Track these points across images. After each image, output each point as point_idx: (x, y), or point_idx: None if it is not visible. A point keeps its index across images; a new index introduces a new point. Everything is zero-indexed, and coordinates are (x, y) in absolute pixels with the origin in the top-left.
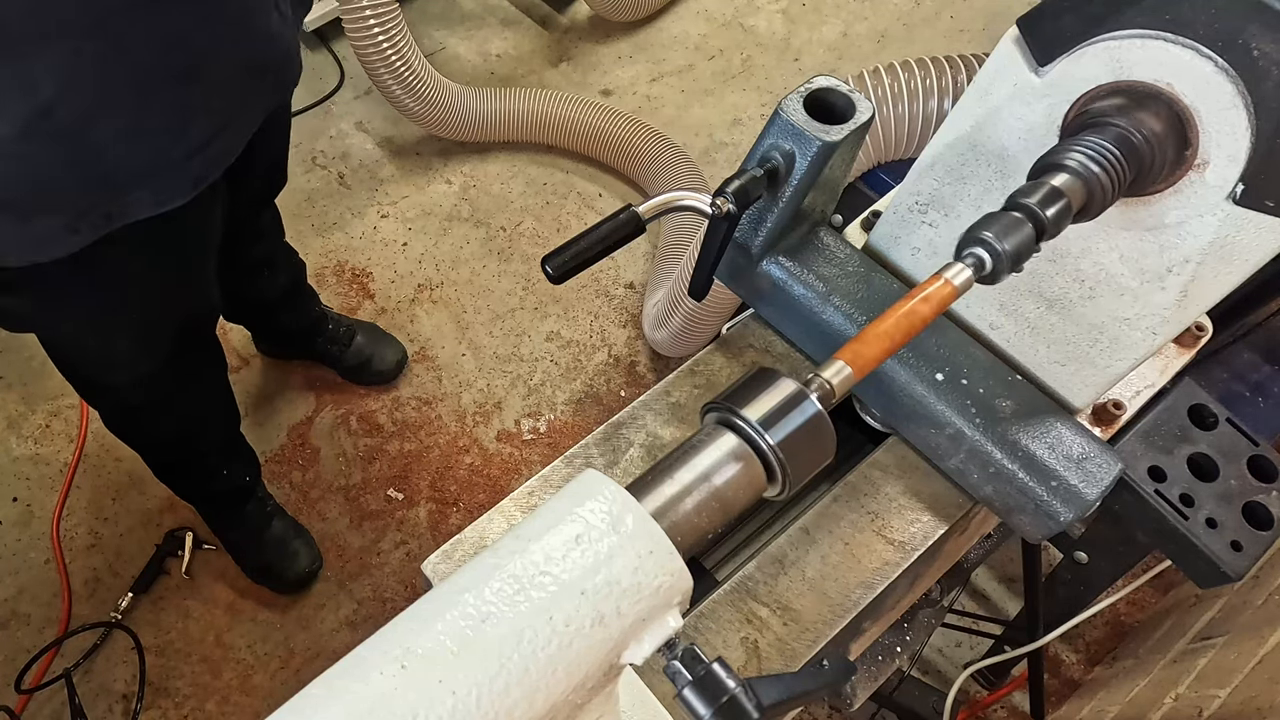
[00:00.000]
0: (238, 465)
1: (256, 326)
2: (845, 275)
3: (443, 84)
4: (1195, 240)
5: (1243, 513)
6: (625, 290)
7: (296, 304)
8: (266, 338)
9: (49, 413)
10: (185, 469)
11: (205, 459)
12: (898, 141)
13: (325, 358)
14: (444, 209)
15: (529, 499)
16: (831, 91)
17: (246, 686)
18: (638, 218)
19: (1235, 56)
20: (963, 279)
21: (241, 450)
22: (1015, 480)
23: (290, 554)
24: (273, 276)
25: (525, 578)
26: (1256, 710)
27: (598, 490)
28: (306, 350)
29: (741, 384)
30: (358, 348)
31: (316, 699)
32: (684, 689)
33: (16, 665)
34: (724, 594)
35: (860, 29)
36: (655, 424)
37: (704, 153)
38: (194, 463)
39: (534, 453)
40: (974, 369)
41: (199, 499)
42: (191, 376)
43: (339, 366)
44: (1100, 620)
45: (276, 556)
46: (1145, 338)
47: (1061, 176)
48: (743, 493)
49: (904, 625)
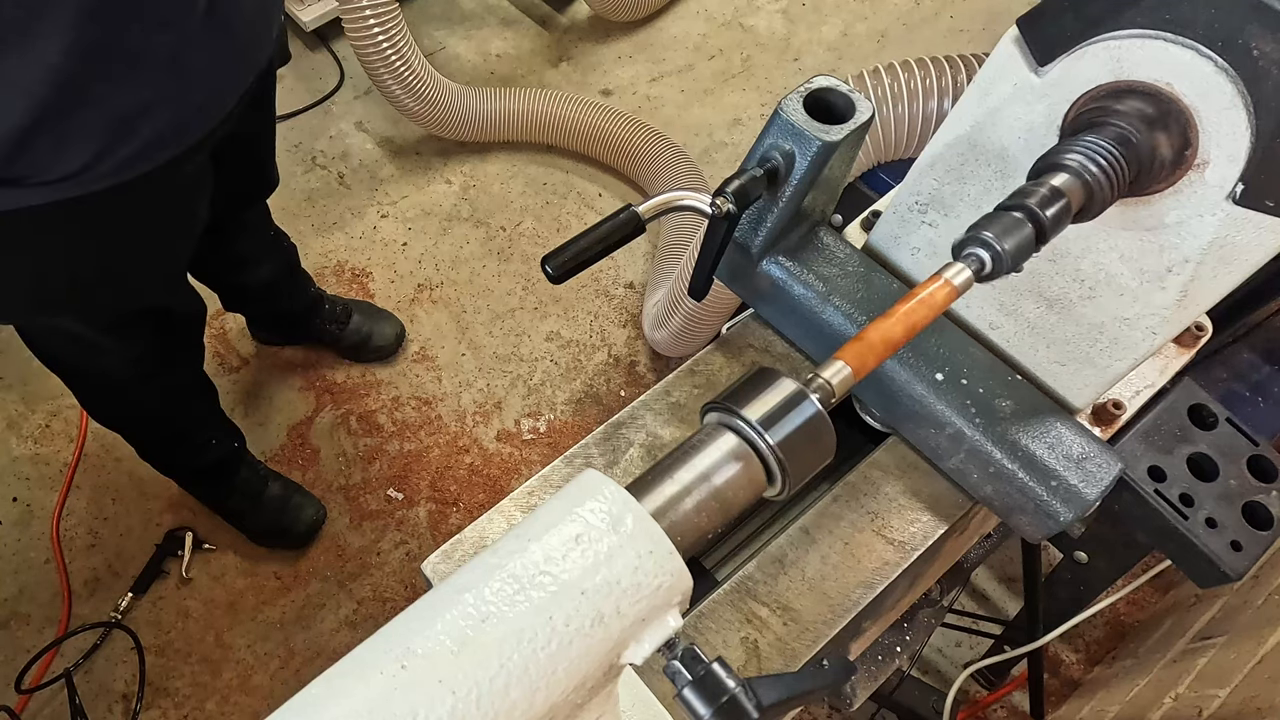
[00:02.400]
0: (223, 435)
1: (253, 312)
2: (845, 275)
3: (443, 84)
4: (1195, 240)
5: (1242, 513)
6: (625, 290)
7: (293, 287)
8: (264, 325)
9: (49, 413)
10: (173, 445)
11: (191, 435)
12: (898, 141)
13: (324, 338)
14: (444, 209)
15: (529, 499)
16: (831, 91)
17: (246, 686)
18: (638, 218)
19: (1235, 56)
20: (962, 279)
21: (224, 421)
22: (1015, 480)
23: (294, 508)
24: (263, 266)
25: (525, 578)
26: (1256, 710)
27: (598, 490)
28: (304, 333)
29: (741, 384)
30: (355, 325)
31: (316, 699)
32: (684, 689)
33: (16, 665)
34: (724, 594)
35: (860, 29)
36: (655, 424)
37: (704, 153)
38: (181, 439)
39: (534, 453)
40: (974, 369)
41: (192, 477)
42: (173, 354)
43: (338, 346)
44: (1100, 620)
45: (280, 514)
46: (1145, 338)
47: (1061, 176)
48: (743, 493)
49: (904, 625)
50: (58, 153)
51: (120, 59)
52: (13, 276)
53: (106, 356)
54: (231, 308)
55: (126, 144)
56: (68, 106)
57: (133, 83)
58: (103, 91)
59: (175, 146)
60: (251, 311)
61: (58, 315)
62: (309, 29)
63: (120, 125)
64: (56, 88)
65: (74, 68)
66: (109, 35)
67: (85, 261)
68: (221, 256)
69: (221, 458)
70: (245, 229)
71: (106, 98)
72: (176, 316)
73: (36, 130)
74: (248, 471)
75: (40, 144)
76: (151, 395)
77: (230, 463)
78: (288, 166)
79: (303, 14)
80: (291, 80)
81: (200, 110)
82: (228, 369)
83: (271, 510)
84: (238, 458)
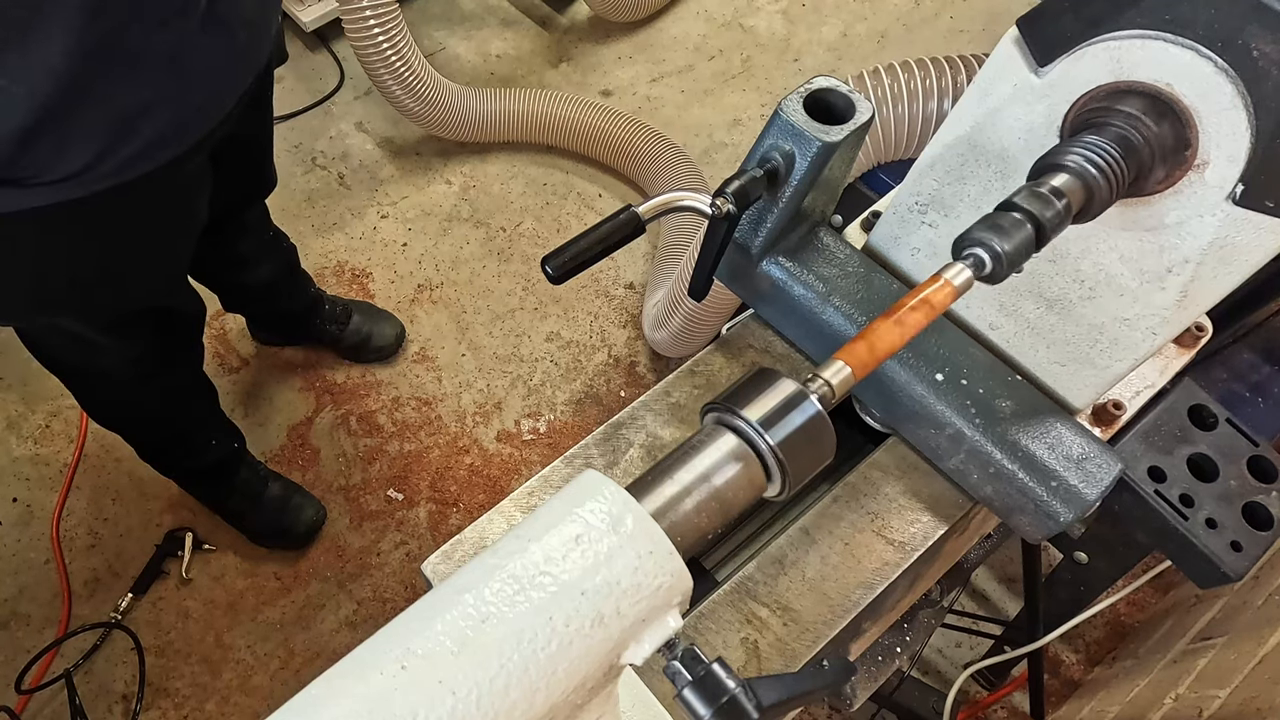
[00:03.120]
0: (223, 436)
1: (253, 312)
2: (845, 275)
3: (442, 84)
4: (1195, 241)
5: (1242, 513)
6: (625, 290)
7: (293, 287)
8: (264, 325)
9: (49, 413)
10: (174, 445)
11: (191, 435)
12: (898, 142)
13: (324, 338)
14: (444, 209)
15: (529, 499)
16: (831, 92)
17: (246, 687)
18: (638, 218)
19: (1235, 56)
20: (962, 279)
21: (224, 421)
22: (1015, 481)
23: (294, 508)
24: (262, 267)
25: (525, 578)
26: (1256, 710)
27: (597, 490)
28: (304, 334)
29: (741, 384)
30: (355, 326)
31: (316, 699)
32: (684, 689)
33: (16, 665)
34: (724, 594)
35: (860, 29)
36: (655, 424)
37: (704, 153)
38: (181, 439)
39: (534, 453)
40: (974, 369)
41: (192, 477)
42: (172, 355)
43: (338, 347)
44: (1100, 620)
45: (281, 514)
46: (1145, 338)
47: (1061, 177)
48: (742, 493)
49: (904, 626)
50: (60, 153)
51: (121, 59)
52: (14, 277)
53: (106, 357)
54: (231, 308)
55: (128, 144)
56: (70, 106)
57: (133, 82)
58: (104, 91)
59: (176, 146)
60: (251, 311)
61: (58, 315)
62: (309, 29)
63: (121, 125)
64: (59, 87)
65: (76, 67)
66: (110, 35)
67: (86, 262)
68: (221, 257)
69: (221, 458)
70: (244, 230)
71: (108, 97)
72: (176, 317)
73: (39, 130)
74: (247, 472)
75: (43, 144)
76: (151, 396)
77: (230, 463)
78: (288, 167)
79: (303, 14)
80: (291, 80)
81: (200, 110)
82: (228, 369)
83: (271, 511)
84: (238, 458)
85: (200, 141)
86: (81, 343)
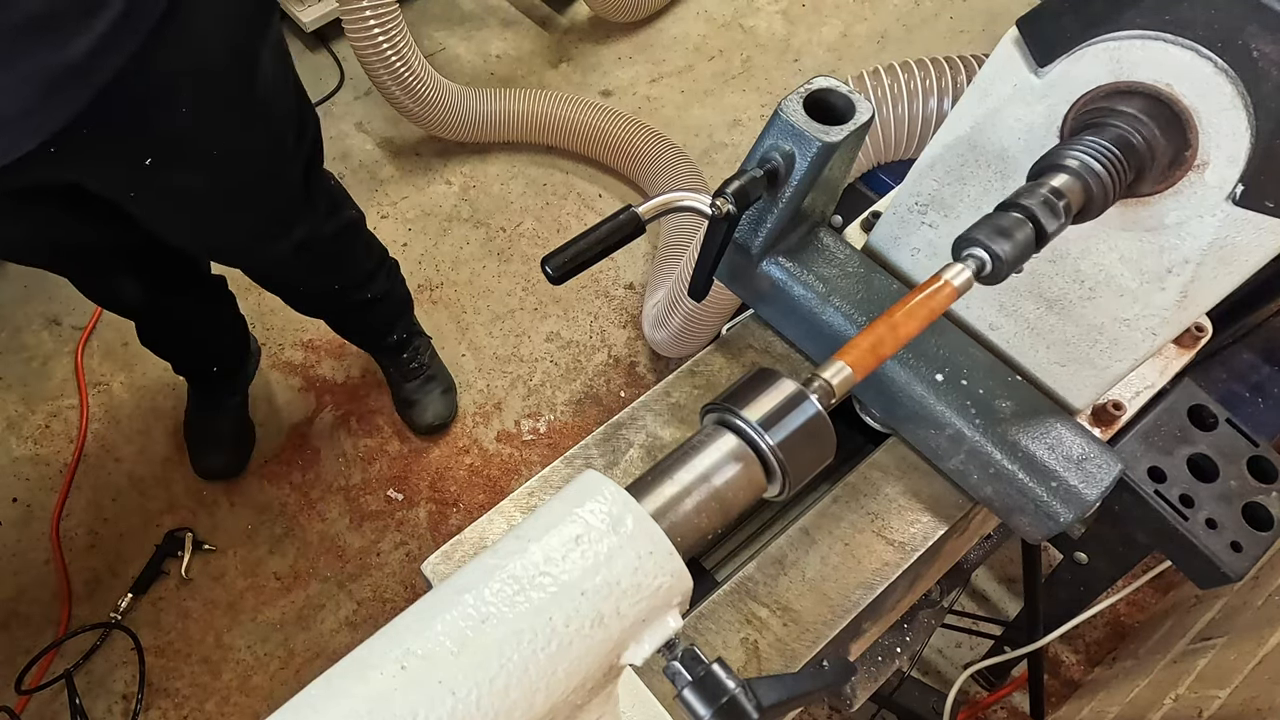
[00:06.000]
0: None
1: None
2: (845, 276)
3: (442, 85)
4: (1195, 241)
5: (1242, 513)
6: (625, 290)
7: (379, 314)
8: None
9: (49, 413)
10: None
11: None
12: (898, 142)
13: (386, 375)
14: (444, 210)
15: (529, 500)
16: (831, 92)
17: (246, 687)
18: (637, 218)
19: (1235, 57)
20: (962, 280)
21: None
22: (1015, 481)
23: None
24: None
25: (525, 578)
26: (1256, 711)
27: (597, 491)
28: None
29: (741, 384)
30: (416, 388)
31: (316, 699)
32: (684, 689)
33: (16, 665)
34: (724, 594)
35: (860, 30)
36: (655, 424)
37: (704, 153)
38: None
39: (534, 453)
40: (974, 369)
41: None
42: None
43: (394, 394)
44: (1100, 621)
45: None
46: (1145, 338)
47: (1061, 177)
48: (742, 493)
49: (904, 626)
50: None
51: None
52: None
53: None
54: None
55: None
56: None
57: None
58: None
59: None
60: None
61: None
62: (309, 29)
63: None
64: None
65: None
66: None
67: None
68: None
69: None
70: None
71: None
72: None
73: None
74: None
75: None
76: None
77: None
78: None
79: (303, 14)
80: None
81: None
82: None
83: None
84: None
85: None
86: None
